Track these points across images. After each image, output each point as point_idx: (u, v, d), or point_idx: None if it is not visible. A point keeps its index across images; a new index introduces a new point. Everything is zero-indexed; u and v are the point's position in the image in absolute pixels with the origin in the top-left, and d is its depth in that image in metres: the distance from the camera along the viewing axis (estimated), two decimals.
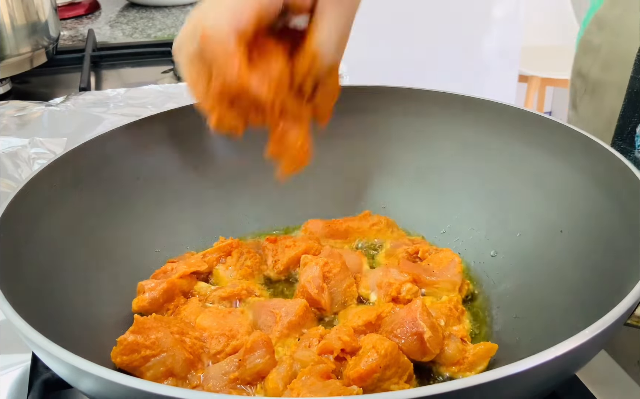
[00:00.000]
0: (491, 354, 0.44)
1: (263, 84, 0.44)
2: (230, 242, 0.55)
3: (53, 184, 0.49)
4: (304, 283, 0.49)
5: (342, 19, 0.45)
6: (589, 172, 0.48)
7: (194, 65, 0.45)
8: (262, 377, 0.41)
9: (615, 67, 0.69)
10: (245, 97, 0.44)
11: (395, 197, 0.61)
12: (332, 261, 0.50)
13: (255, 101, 0.45)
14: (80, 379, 0.32)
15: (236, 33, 0.42)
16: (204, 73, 0.44)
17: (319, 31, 0.45)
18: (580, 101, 0.76)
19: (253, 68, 0.44)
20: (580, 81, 0.74)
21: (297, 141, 0.48)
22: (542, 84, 2.64)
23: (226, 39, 0.42)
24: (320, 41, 0.45)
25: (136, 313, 0.48)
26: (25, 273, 0.42)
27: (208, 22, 0.43)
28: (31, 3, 0.96)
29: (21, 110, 0.87)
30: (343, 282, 0.50)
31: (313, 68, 0.46)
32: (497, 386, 0.29)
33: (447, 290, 0.50)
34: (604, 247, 0.44)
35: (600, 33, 0.71)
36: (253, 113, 0.46)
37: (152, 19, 1.47)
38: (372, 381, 0.40)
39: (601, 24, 0.71)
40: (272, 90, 0.45)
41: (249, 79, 0.43)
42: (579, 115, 0.75)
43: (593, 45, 0.71)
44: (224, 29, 0.42)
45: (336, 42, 0.46)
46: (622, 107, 0.66)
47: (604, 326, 0.31)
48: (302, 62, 0.46)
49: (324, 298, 0.48)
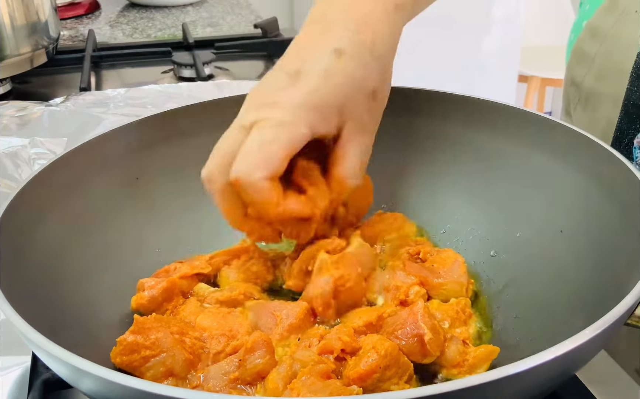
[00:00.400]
0: (492, 357, 0.43)
1: (301, 203, 0.45)
2: (241, 247, 0.54)
3: (53, 184, 0.49)
4: (311, 296, 0.47)
5: (366, 147, 0.47)
6: (589, 172, 0.48)
7: (227, 197, 0.45)
8: (262, 377, 0.41)
9: (610, 78, 0.69)
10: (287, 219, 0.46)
11: (395, 197, 0.61)
12: (347, 274, 0.48)
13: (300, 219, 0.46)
14: (80, 379, 0.32)
15: (270, 178, 0.42)
16: (237, 203, 0.45)
17: (345, 161, 0.46)
18: (574, 110, 0.75)
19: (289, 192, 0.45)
20: (574, 90, 0.74)
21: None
22: (542, 84, 2.64)
23: (261, 186, 0.42)
24: (347, 171, 0.46)
25: (135, 310, 0.48)
26: (25, 273, 0.42)
27: (240, 168, 0.42)
28: (31, 3, 0.96)
29: (21, 110, 0.87)
30: (355, 295, 0.48)
31: (341, 195, 0.48)
32: (497, 386, 0.29)
33: (455, 291, 0.50)
34: (604, 247, 0.44)
35: (593, 42, 0.70)
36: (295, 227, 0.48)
37: (152, 19, 1.47)
38: (372, 381, 0.40)
39: (594, 33, 0.71)
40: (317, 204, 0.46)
41: (289, 207, 0.45)
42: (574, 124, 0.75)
43: (586, 55, 0.71)
44: (257, 176, 0.42)
45: (361, 170, 0.47)
46: (618, 119, 0.66)
47: (604, 326, 0.31)
48: (331, 191, 0.47)
49: (328, 315, 0.47)
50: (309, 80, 0.44)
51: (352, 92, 0.45)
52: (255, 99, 0.46)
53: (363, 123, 0.47)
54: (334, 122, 0.45)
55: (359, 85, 0.45)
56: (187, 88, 0.94)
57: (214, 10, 1.53)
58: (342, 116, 0.45)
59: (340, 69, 0.44)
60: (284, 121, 0.43)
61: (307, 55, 0.46)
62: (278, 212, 0.44)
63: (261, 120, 0.43)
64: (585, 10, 0.74)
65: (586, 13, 0.74)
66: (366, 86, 0.46)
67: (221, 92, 0.92)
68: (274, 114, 0.43)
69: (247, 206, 0.45)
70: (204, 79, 1.01)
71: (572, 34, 0.77)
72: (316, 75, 0.44)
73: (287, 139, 0.43)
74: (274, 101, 0.44)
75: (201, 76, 1.02)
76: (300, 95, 0.44)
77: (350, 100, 0.45)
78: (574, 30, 0.76)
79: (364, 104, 0.46)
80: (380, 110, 0.49)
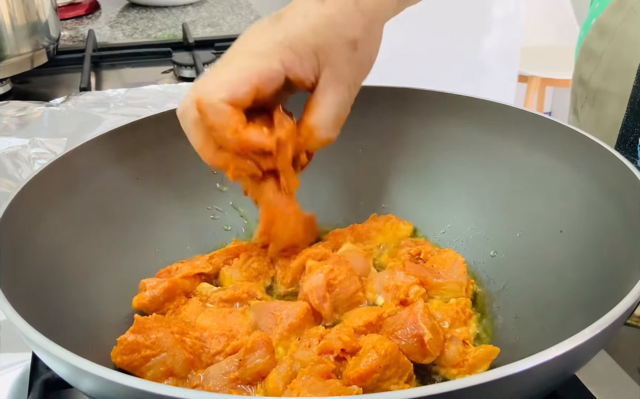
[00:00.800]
0: (492, 358, 0.43)
1: (263, 135, 0.45)
2: (239, 246, 0.54)
3: (53, 184, 0.49)
4: (306, 292, 0.48)
5: (342, 99, 0.47)
6: (589, 172, 0.48)
7: (199, 130, 0.46)
8: (263, 377, 0.41)
9: (617, 76, 0.69)
10: (249, 149, 0.46)
11: (395, 197, 0.61)
12: (337, 268, 0.49)
13: (261, 151, 0.46)
14: (80, 379, 0.32)
15: (231, 102, 0.43)
16: (209, 137, 0.45)
17: (318, 109, 0.46)
18: (581, 108, 0.75)
19: (253, 125, 0.45)
20: (582, 88, 0.73)
21: (288, 207, 0.50)
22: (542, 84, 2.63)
23: (220, 107, 0.43)
24: (318, 120, 0.46)
25: (136, 310, 0.49)
26: (26, 273, 0.42)
27: (202, 89, 0.44)
28: (31, 3, 0.96)
29: (21, 110, 0.87)
30: (349, 288, 0.49)
31: (308, 143, 0.48)
32: (497, 386, 0.29)
33: (455, 291, 0.50)
34: (604, 247, 0.44)
35: (601, 40, 0.70)
36: (264, 160, 0.47)
37: (152, 19, 1.47)
38: (372, 381, 0.40)
39: (603, 31, 0.70)
40: (274, 139, 0.46)
41: (247, 134, 0.44)
42: (580, 122, 0.75)
43: (594, 53, 0.71)
44: (217, 98, 0.43)
45: (334, 122, 0.47)
46: (624, 117, 0.65)
47: (604, 326, 0.31)
48: (298, 137, 0.47)
49: (325, 309, 0.47)
50: (289, 21, 0.45)
51: (330, 36, 0.45)
52: (239, 42, 0.47)
53: (341, 73, 0.46)
54: (310, 65, 0.45)
55: (338, 31, 0.45)
56: (187, 88, 0.94)
57: (214, 10, 1.53)
58: (319, 60, 0.45)
59: (321, 12, 0.45)
60: (258, 53, 0.44)
61: (292, 4, 0.46)
62: (236, 139, 0.44)
63: (238, 54, 0.45)
64: (595, 8, 0.73)
65: (595, 11, 0.73)
66: (347, 34, 0.45)
67: None
68: (250, 48, 0.45)
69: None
70: None
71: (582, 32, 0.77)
72: (296, 16, 0.45)
73: (257, 70, 0.43)
74: (252, 38, 0.46)
75: None
76: (277, 33, 0.44)
77: (328, 45, 0.45)
78: (583, 28, 0.76)
79: (343, 52, 0.45)
80: (363, 65, 0.47)
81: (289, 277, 0.52)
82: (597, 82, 0.70)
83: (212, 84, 0.44)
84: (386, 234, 0.57)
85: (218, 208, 0.60)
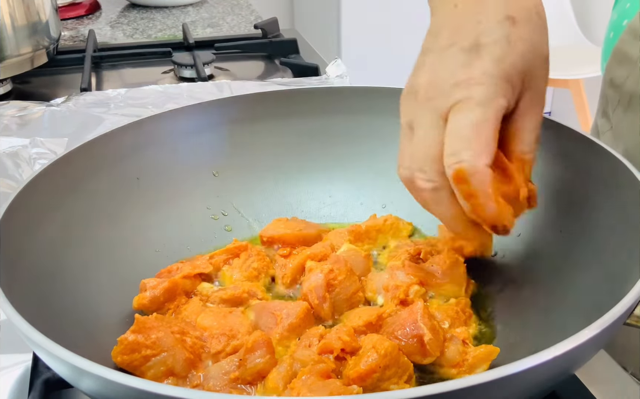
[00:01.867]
0: (492, 358, 0.43)
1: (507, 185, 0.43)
2: (239, 246, 0.54)
3: (54, 184, 0.49)
4: (306, 292, 0.48)
5: (540, 117, 0.45)
6: (589, 172, 0.49)
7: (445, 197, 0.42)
8: (263, 377, 0.41)
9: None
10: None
11: (395, 197, 0.61)
12: (337, 268, 0.49)
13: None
14: (80, 379, 0.32)
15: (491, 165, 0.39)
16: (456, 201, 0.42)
17: (522, 135, 0.44)
18: (613, 112, 0.74)
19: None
20: (613, 92, 0.72)
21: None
22: None
23: (486, 174, 0.39)
24: (526, 146, 0.44)
25: (136, 310, 0.49)
26: (26, 273, 0.42)
27: (464, 157, 0.39)
28: (32, 3, 0.96)
29: (22, 110, 0.87)
30: (349, 288, 0.49)
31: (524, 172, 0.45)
32: (497, 385, 0.29)
33: (454, 291, 0.50)
34: (604, 247, 0.45)
35: (636, 44, 0.69)
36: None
37: (153, 19, 1.47)
38: (372, 380, 0.40)
39: (637, 34, 0.69)
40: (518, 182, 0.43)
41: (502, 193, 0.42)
42: (613, 128, 0.73)
43: (629, 56, 0.69)
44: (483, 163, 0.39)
45: (537, 143, 0.45)
46: None
47: (604, 325, 0.31)
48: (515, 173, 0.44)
49: (325, 309, 0.48)
50: (493, 50, 0.41)
51: (533, 58, 0.42)
52: (433, 87, 0.42)
53: (540, 92, 0.44)
54: (517, 92, 0.42)
55: (538, 50, 0.43)
56: (188, 88, 0.94)
57: (214, 10, 1.53)
58: (523, 85, 0.43)
59: (521, 35, 0.42)
60: (487, 96, 0.40)
61: (475, 28, 0.42)
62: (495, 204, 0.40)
63: (460, 101, 0.40)
64: (626, 8, 0.72)
65: (626, 11, 0.71)
66: (543, 51, 0.43)
67: (221, 93, 0.92)
68: (473, 92, 0.40)
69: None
70: (204, 80, 1.01)
71: (610, 32, 0.75)
72: (499, 44, 0.41)
73: (495, 116, 0.40)
74: (463, 79, 0.41)
75: (201, 77, 1.02)
76: (491, 65, 0.40)
77: (532, 67, 0.42)
78: (613, 29, 0.74)
79: (542, 71, 0.43)
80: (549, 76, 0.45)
81: (289, 277, 0.52)
82: (631, 87, 0.69)
83: (469, 149, 0.39)
84: (386, 234, 0.57)
85: (218, 208, 0.60)
